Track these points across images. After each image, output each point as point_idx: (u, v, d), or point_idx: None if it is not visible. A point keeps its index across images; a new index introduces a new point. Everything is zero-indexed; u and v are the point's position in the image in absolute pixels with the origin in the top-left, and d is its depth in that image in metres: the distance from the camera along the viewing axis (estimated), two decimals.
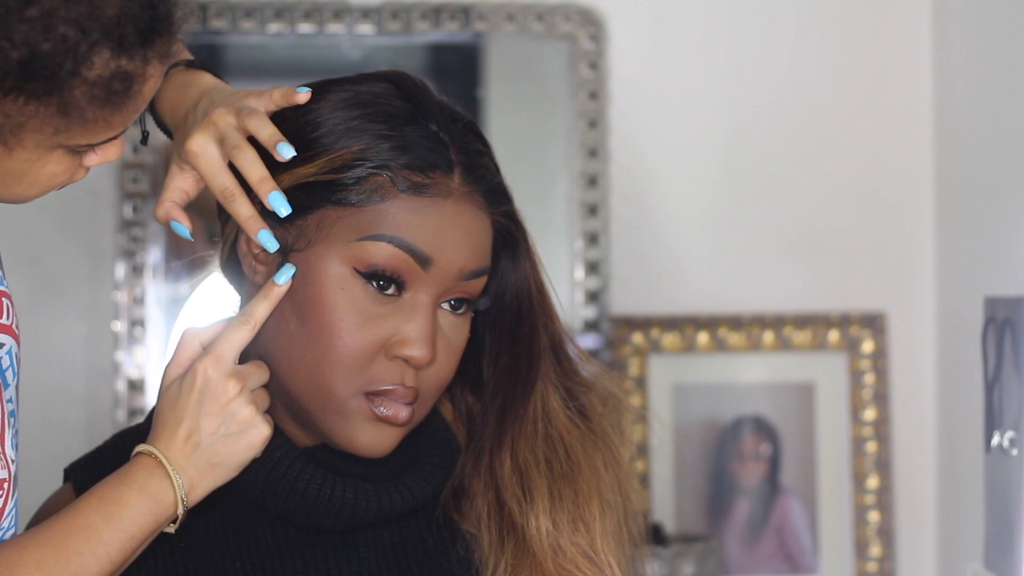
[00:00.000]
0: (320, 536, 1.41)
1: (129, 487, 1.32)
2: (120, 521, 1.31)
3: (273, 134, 1.36)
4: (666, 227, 2.66)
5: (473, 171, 1.39)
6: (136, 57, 1.22)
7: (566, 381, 1.48)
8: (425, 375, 1.39)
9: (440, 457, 1.46)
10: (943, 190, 2.63)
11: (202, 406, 1.33)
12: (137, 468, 1.33)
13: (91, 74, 1.20)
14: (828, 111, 2.68)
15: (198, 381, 1.34)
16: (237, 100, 1.39)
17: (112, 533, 1.30)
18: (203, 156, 1.37)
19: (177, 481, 1.32)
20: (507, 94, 2.69)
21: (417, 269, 1.36)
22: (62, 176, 1.28)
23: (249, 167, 1.35)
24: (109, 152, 1.29)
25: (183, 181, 1.41)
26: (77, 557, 1.29)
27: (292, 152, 1.35)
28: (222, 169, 1.37)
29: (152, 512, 1.32)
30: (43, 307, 2.52)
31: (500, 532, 1.42)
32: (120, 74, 1.21)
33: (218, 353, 1.35)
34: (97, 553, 1.30)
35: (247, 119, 1.36)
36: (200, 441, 1.33)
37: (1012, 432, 2.10)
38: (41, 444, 1.99)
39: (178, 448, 1.33)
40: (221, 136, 1.36)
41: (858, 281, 2.68)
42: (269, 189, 1.35)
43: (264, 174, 1.35)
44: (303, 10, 2.59)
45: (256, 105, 1.38)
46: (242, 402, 1.34)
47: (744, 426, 2.66)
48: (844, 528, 2.66)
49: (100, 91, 1.21)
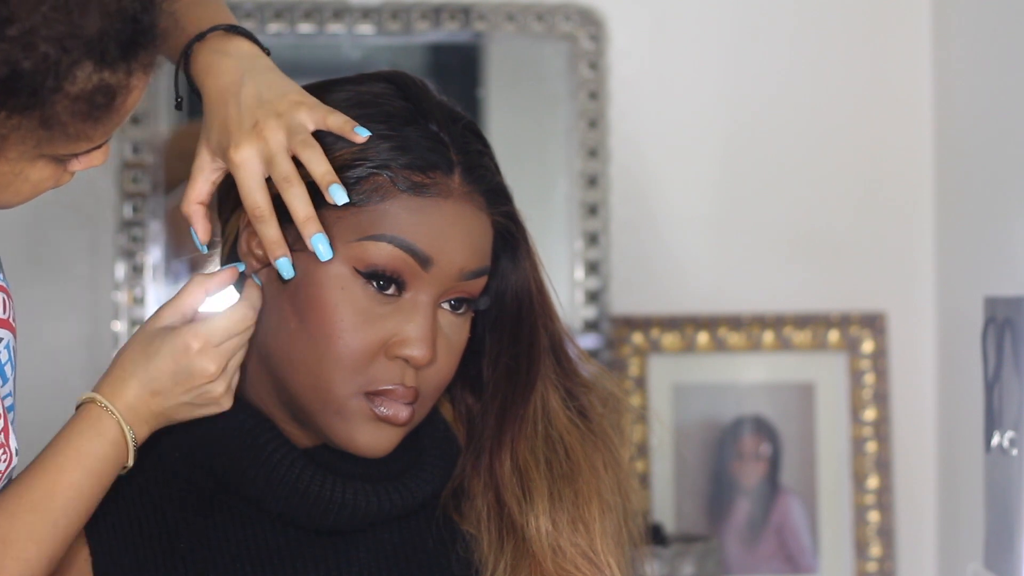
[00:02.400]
0: (320, 536, 1.41)
1: (104, 438, 1.33)
2: (98, 475, 1.33)
3: (327, 173, 1.34)
4: (666, 227, 2.66)
5: (473, 171, 1.39)
6: (119, 71, 1.21)
7: (566, 381, 1.48)
8: (425, 375, 1.39)
9: (440, 458, 1.46)
10: (943, 190, 2.63)
11: (176, 377, 1.34)
12: (104, 417, 1.34)
13: (73, 89, 1.20)
14: (828, 111, 2.68)
15: (180, 359, 1.34)
16: (287, 107, 1.35)
17: (92, 488, 1.32)
18: (246, 170, 1.34)
19: (129, 434, 1.33)
20: (507, 94, 2.69)
21: (417, 269, 1.36)
22: (47, 183, 1.28)
23: (297, 204, 1.33)
24: (94, 159, 1.28)
25: (212, 174, 1.39)
26: (64, 519, 1.31)
27: (345, 198, 1.33)
28: (261, 187, 1.35)
29: (118, 461, 1.34)
30: (43, 307, 2.51)
31: (500, 532, 1.42)
32: (103, 88, 1.21)
33: (208, 334, 1.35)
34: (80, 510, 1.32)
35: (301, 148, 1.34)
36: (164, 405, 1.35)
37: (1012, 432, 2.10)
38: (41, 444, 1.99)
39: (143, 400, 1.34)
40: (269, 156, 1.34)
41: (858, 281, 2.68)
42: (314, 231, 1.34)
43: (311, 213, 1.34)
44: (303, 10, 2.59)
45: (307, 123, 1.35)
46: (217, 383, 1.35)
47: (744, 426, 2.66)
48: (844, 528, 2.66)
49: (83, 105, 1.21)
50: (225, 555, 1.40)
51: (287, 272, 1.36)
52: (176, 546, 1.40)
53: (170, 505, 1.42)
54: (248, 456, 1.40)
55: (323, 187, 1.34)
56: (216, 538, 1.41)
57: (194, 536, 1.40)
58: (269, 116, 1.35)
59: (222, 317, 1.36)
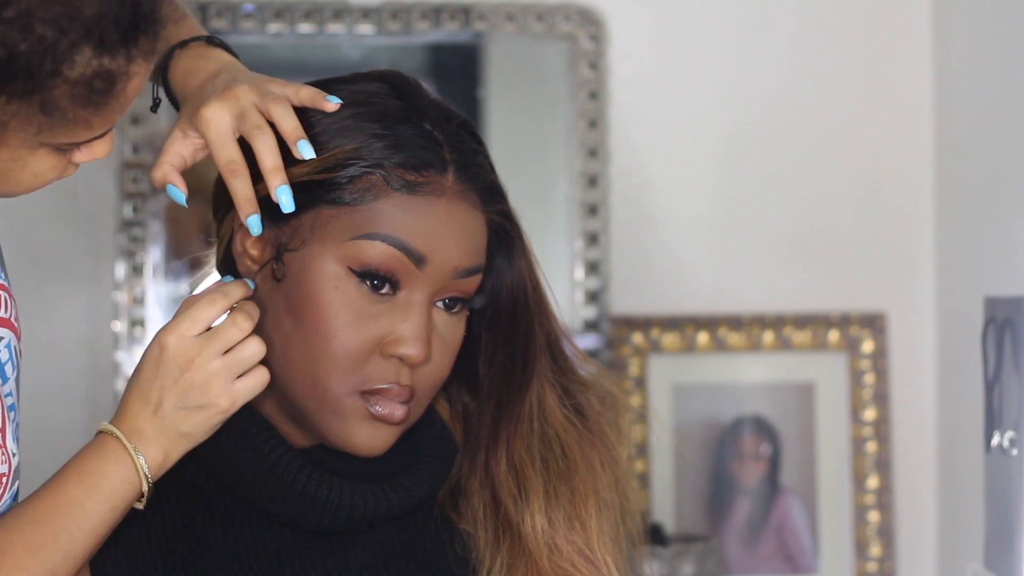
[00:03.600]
0: (318, 536, 1.41)
1: (108, 458, 1.32)
2: (102, 493, 1.31)
3: (296, 128, 1.35)
4: (666, 227, 2.66)
5: (467, 169, 1.39)
6: (119, 56, 1.21)
7: (562, 379, 1.48)
8: (421, 373, 1.39)
9: (437, 457, 1.46)
10: (943, 190, 2.63)
11: (161, 381, 1.33)
12: (108, 440, 1.33)
13: (72, 73, 1.20)
14: (828, 111, 2.68)
15: (157, 358, 1.33)
16: (261, 82, 1.38)
17: (96, 505, 1.31)
18: (216, 124, 1.35)
19: (138, 457, 1.32)
20: (507, 94, 2.69)
21: (411, 268, 1.36)
22: (49, 174, 1.28)
23: (266, 152, 1.34)
24: (97, 149, 1.29)
25: (183, 147, 1.39)
26: (65, 534, 1.30)
27: (312, 153, 1.35)
28: (231, 141, 1.35)
29: (130, 481, 1.32)
30: (43, 307, 2.52)
31: (496, 530, 1.42)
32: (102, 73, 1.21)
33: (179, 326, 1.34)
34: (84, 528, 1.31)
35: (272, 104, 1.35)
36: (165, 419, 1.33)
37: (1012, 432, 2.10)
38: (41, 444, 1.99)
39: (145, 419, 1.33)
40: (241, 112, 1.35)
41: (858, 281, 2.68)
42: (280, 181, 1.34)
43: (279, 164, 1.34)
44: (303, 10, 2.59)
45: (281, 93, 1.37)
46: (200, 373, 1.33)
47: (744, 426, 2.66)
48: (844, 528, 2.66)
49: (82, 90, 1.21)
50: (223, 555, 1.40)
51: (256, 228, 1.36)
52: (174, 547, 1.40)
53: (168, 506, 1.42)
54: (246, 456, 1.40)
55: (291, 142, 1.35)
56: (214, 538, 1.41)
57: (192, 537, 1.40)
58: (242, 84, 1.37)
59: (193, 305, 1.35)
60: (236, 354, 1.34)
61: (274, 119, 1.35)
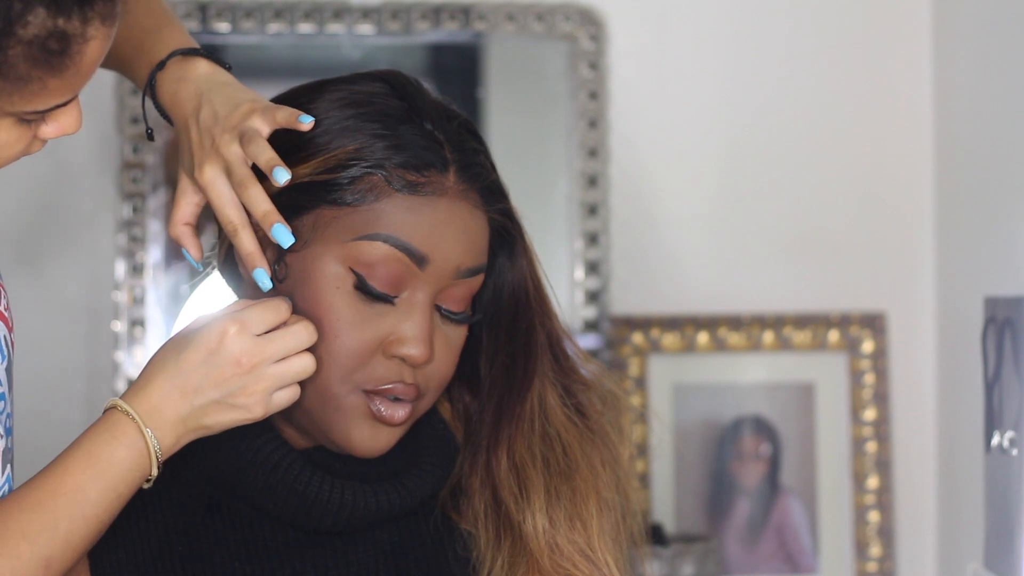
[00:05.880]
0: (319, 537, 1.41)
1: (120, 442, 1.29)
2: (109, 480, 1.29)
3: (271, 159, 1.35)
4: (666, 227, 2.66)
5: (468, 169, 1.39)
6: (74, 17, 1.21)
7: (564, 379, 1.48)
8: (424, 373, 1.39)
9: (438, 457, 1.46)
10: (943, 190, 2.63)
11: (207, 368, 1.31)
12: (122, 420, 1.30)
13: (26, 33, 1.19)
14: (828, 111, 2.68)
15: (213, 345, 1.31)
16: (239, 116, 1.38)
17: (101, 493, 1.28)
18: (214, 189, 1.37)
19: (151, 440, 1.29)
20: (507, 94, 2.69)
21: (413, 268, 1.36)
22: (16, 146, 1.27)
23: (254, 203, 1.35)
24: (63, 122, 1.28)
25: (195, 196, 1.42)
26: (66, 521, 1.27)
27: (287, 176, 1.34)
28: (231, 203, 1.37)
29: (139, 467, 1.30)
30: (43, 307, 2.52)
31: (497, 530, 1.42)
32: (57, 33, 1.20)
33: (245, 319, 1.33)
34: (87, 515, 1.28)
35: (248, 146, 1.36)
36: (193, 404, 1.31)
37: (1012, 432, 2.10)
38: (41, 444, 1.99)
39: (169, 401, 1.30)
40: (227, 166, 1.37)
41: (858, 281, 2.68)
42: (272, 223, 1.35)
43: (268, 208, 1.35)
44: (303, 10, 2.59)
45: (259, 126, 1.37)
46: (251, 379, 1.32)
47: (744, 426, 2.66)
48: (844, 528, 2.66)
49: (36, 51, 1.20)
50: (223, 556, 1.40)
51: (264, 284, 1.37)
52: (174, 547, 1.40)
53: (167, 506, 1.42)
54: (246, 457, 1.40)
55: (267, 173, 1.35)
56: (214, 539, 1.41)
57: (192, 537, 1.40)
58: (224, 132, 1.37)
59: (259, 305, 1.34)
60: (289, 366, 1.33)
61: (250, 157, 1.36)
